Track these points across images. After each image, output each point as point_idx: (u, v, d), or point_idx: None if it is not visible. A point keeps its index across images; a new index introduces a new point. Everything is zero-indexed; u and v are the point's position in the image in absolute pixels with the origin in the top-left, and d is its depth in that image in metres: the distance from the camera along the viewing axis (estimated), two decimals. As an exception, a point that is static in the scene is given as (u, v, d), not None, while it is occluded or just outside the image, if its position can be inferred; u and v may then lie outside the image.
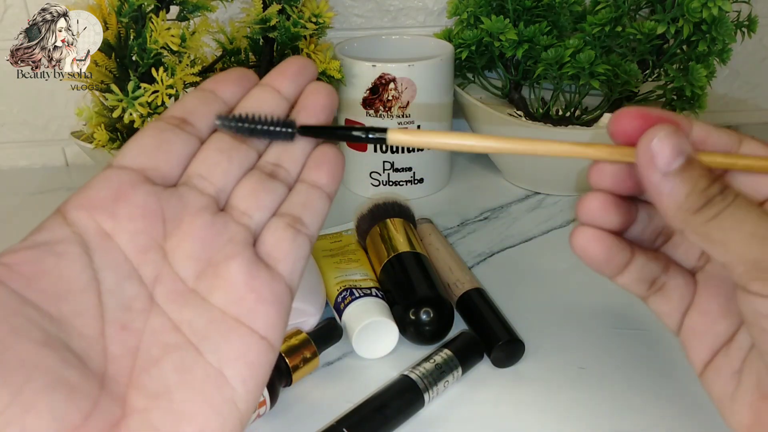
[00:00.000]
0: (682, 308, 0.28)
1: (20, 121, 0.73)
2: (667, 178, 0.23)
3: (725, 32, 0.57)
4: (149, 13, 0.52)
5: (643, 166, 0.23)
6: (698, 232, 0.23)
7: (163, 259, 0.24)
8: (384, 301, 0.47)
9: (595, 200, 0.26)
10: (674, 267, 0.28)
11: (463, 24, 0.65)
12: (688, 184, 0.23)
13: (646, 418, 0.41)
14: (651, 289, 0.28)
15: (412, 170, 0.65)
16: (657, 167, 0.23)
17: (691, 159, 0.23)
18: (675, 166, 0.23)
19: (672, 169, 0.23)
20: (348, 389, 0.43)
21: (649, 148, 0.23)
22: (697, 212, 0.23)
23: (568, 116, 0.64)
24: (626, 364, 0.45)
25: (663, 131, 0.23)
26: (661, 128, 0.23)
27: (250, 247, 0.25)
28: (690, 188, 0.23)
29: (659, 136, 0.23)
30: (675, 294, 0.27)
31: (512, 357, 0.45)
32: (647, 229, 0.28)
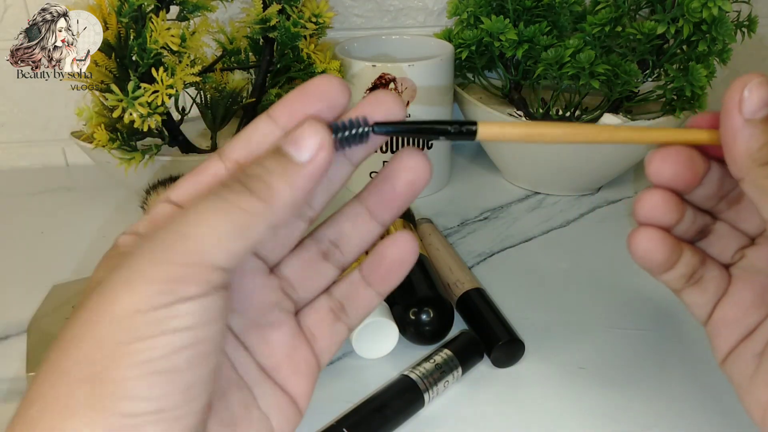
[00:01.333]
0: (715, 300, 0.28)
1: (20, 121, 0.73)
2: (747, 124, 0.24)
3: (725, 32, 0.57)
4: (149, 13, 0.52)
5: (729, 108, 0.24)
6: (757, 185, 0.24)
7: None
8: (384, 301, 0.47)
9: (656, 196, 0.27)
10: (710, 260, 0.28)
11: (463, 24, 0.65)
12: (766, 135, 0.24)
13: (646, 418, 0.41)
14: (689, 282, 0.28)
15: (412, 170, 0.65)
16: (742, 111, 0.24)
17: None
18: (760, 115, 0.24)
19: (756, 117, 0.24)
20: (348, 389, 0.43)
21: (740, 90, 0.24)
22: (764, 166, 0.24)
23: (568, 116, 0.64)
24: (626, 364, 0.45)
25: (757, 79, 0.24)
26: (755, 76, 0.24)
27: (293, 317, 0.26)
28: (765, 140, 0.24)
29: (753, 83, 0.24)
30: (711, 286, 0.28)
31: (512, 357, 0.45)
32: (691, 228, 0.28)
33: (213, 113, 0.62)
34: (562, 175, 0.65)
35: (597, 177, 0.65)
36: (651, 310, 0.50)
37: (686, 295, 0.28)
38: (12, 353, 0.46)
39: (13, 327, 0.49)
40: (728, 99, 0.24)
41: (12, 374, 0.45)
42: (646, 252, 0.27)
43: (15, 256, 0.59)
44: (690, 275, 0.28)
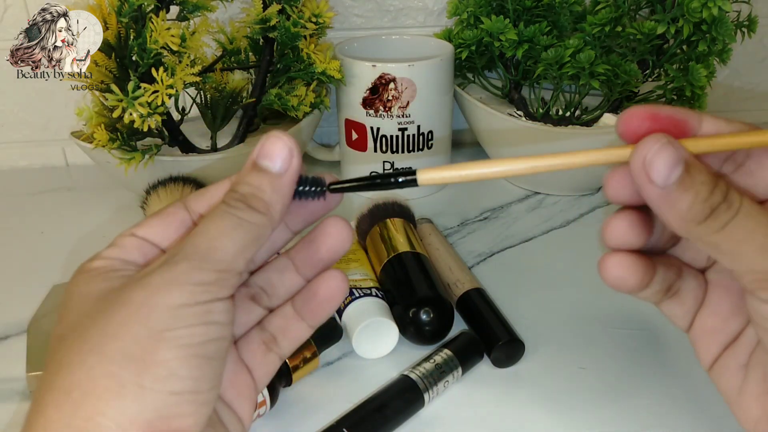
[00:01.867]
0: (694, 309, 0.28)
1: (20, 121, 0.73)
2: (667, 191, 0.23)
3: (725, 32, 0.57)
4: (149, 13, 0.52)
5: (641, 182, 0.23)
6: (706, 242, 0.23)
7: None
8: (384, 301, 0.47)
9: (622, 221, 0.26)
10: (686, 270, 0.28)
11: (463, 24, 0.65)
12: (689, 194, 0.22)
13: (646, 418, 0.41)
14: (666, 295, 0.28)
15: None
16: (655, 181, 0.23)
17: (689, 166, 0.23)
18: (673, 179, 0.22)
19: (670, 183, 0.22)
20: (348, 389, 0.43)
21: (644, 162, 0.23)
22: (703, 223, 0.23)
23: (568, 116, 0.64)
24: (626, 364, 0.45)
25: (655, 145, 0.22)
26: (655, 140, 0.23)
27: (234, 347, 0.28)
28: (692, 199, 0.22)
29: (651, 152, 0.22)
30: (688, 297, 0.27)
31: (512, 357, 0.45)
32: (662, 237, 0.28)
33: (213, 113, 0.62)
34: (562, 175, 0.65)
35: (597, 177, 0.65)
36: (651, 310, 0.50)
37: (664, 307, 0.28)
38: (12, 353, 0.46)
39: (13, 327, 0.49)
40: (636, 176, 0.23)
41: (12, 374, 0.45)
42: (618, 279, 0.26)
43: (15, 256, 0.59)
44: (666, 289, 0.27)
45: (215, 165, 0.58)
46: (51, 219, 0.65)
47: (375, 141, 0.64)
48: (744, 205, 0.23)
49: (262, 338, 0.28)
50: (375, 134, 0.64)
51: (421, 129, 0.63)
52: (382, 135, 0.63)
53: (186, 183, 0.56)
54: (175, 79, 0.51)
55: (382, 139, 0.64)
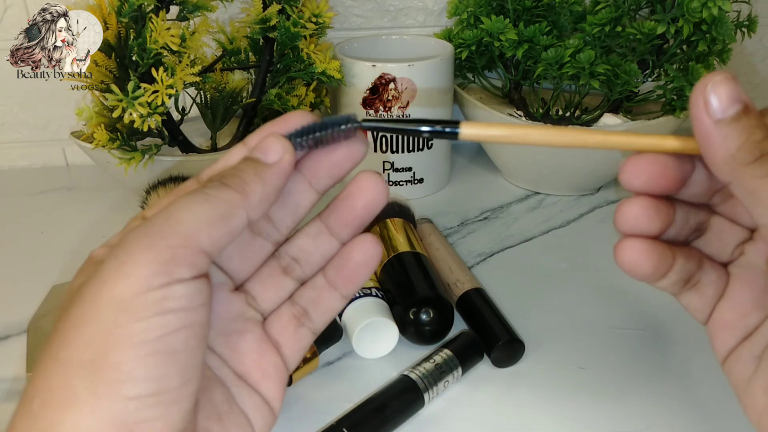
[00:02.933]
0: (713, 302, 0.27)
1: (20, 121, 0.73)
2: (719, 126, 0.22)
3: (725, 32, 0.57)
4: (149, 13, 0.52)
5: (696, 114, 0.22)
6: (746, 187, 0.22)
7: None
8: (384, 301, 0.47)
9: (635, 205, 0.25)
10: (707, 262, 0.27)
11: (463, 24, 0.65)
12: (742, 133, 0.22)
13: (646, 418, 0.41)
14: (686, 287, 0.27)
15: (412, 170, 0.65)
16: (710, 113, 0.22)
17: (748, 108, 0.22)
18: (730, 113, 0.22)
19: (726, 116, 0.22)
20: (348, 389, 0.43)
21: (703, 92, 0.22)
22: (749, 165, 0.22)
23: (568, 116, 0.64)
24: (626, 364, 0.45)
25: (719, 76, 0.22)
26: (718, 73, 0.22)
27: (260, 326, 0.26)
28: (744, 139, 0.22)
29: (714, 81, 0.22)
30: (708, 289, 0.27)
31: (512, 357, 0.45)
32: (684, 229, 0.27)
33: (213, 113, 0.62)
34: (562, 175, 0.65)
35: (597, 177, 0.65)
36: (651, 310, 0.50)
37: (683, 298, 0.28)
38: (12, 353, 0.46)
39: (13, 327, 0.49)
40: (693, 104, 0.23)
41: (12, 374, 0.45)
42: (632, 265, 0.26)
43: (15, 256, 0.59)
44: (686, 280, 0.27)
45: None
46: (51, 219, 0.65)
47: (375, 141, 0.64)
48: None
49: (293, 312, 0.27)
50: (375, 134, 0.64)
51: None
52: (382, 135, 0.63)
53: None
54: (175, 79, 0.51)
55: (382, 139, 0.64)
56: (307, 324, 0.27)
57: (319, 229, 0.27)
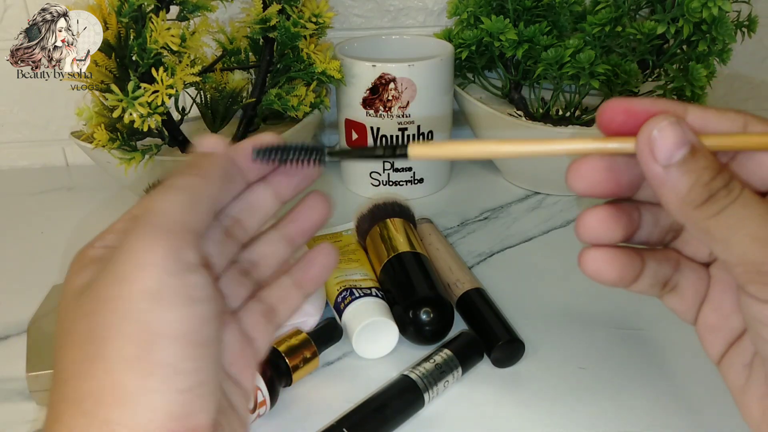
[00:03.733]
0: (697, 304, 0.27)
1: (20, 121, 0.73)
2: (668, 170, 0.22)
3: (725, 32, 0.57)
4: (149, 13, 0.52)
5: (644, 158, 0.23)
6: (700, 228, 0.22)
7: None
8: (384, 301, 0.47)
9: (592, 217, 0.26)
10: (685, 263, 0.27)
11: (463, 24, 0.65)
12: (691, 176, 0.22)
13: (646, 418, 0.41)
14: (664, 290, 0.27)
15: (412, 170, 0.65)
16: (658, 159, 0.22)
17: (695, 149, 0.22)
18: (677, 158, 0.22)
19: (674, 161, 0.22)
20: (348, 389, 0.43)
21: (649, 139, 0.22)
22: (700, 207, 0.22)
23: (568, 116, 0.64)
24: (626, 364, 0.45)
25: (664, 121, 0.22)
26: (663, 118, 0.22)
27: (236, 320, 0.28)
28: (693, 181, 0.22)
29: (659, 127, 0.22)
30: (688, 292, 0.27)
31: (512, 357, 0.45)
32: (655, 230, 0.27)
33: (213, 113, 0.62)
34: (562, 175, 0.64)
35: (597, 177, 0.65)
36: (651, 310, 0.50)
37: (666, 301, 0.28)
38: (12, 353, 0.46)
39: (13, 327, 0.49)
40: (641, 147, 0.23)
41: (12, 374, 0.45)
42: (596, 273, 0.26)
43: (15, 256, 0.59)
44: (662, 283, 0.27)
45: (215, 165, 0.58)
46: (51, 219, 0.65)
47: (375, 141, 0.64)
48: (744, 195, 0.22)
49: (260, 310, 0.28)
50: (375, 134, 0.64)
51: (421, 129, 0.63)
52: (382, 135, 0.63)
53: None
54: (175, 79, 0.51)
55: (382, 139, 0.64)
56: (275, 320, 0.29)
57: (278, 237, 0.30)
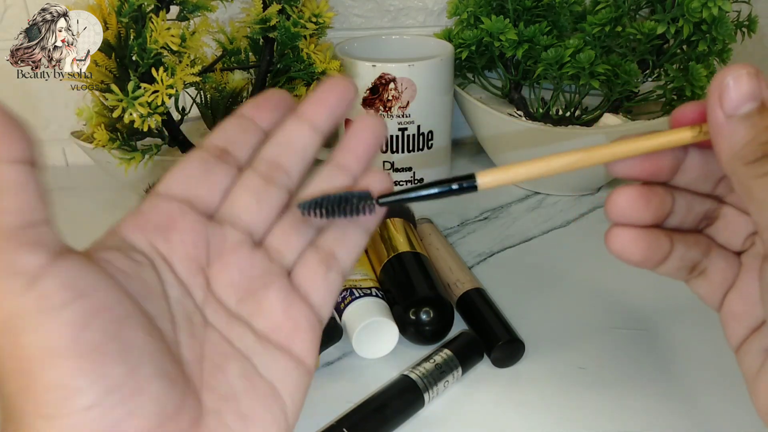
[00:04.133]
0: (723, 290, 0.27)
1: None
2: (730, 121, 0.22)
3: (725, 32, 0.57)
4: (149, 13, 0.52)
5: (711, 102, 0.22)
6: (743, 184, 0.22)
7: (207, 285, 0.25)
8: (384, 301, 0.47)
9: (622, 197, 0.25)
10: (716, 250, 0.27)
11: (463, 24, 0.65)
12: (750, 132, 0.22)
13: (646, 418, 0.41)
14: (692, 274, 0.27)
15: (412, 170, 0.65)
16: (724, 107, 0.22)
17: (765, 107, 0.22)
18: (743, 111, 0.22)
19: (738, 113, 0.22)
20: (348, 389, 0.43)
21: (721, 84, 0.22)
22: (750, 164, 0.22)
23: (568, 116, 0.64)
24: (626, 364, 0.45)
25: (743, 69, 0.22)
26: (742, 67, 0.22)
27: (286, 278, 0.26)
28: (750, 138, 0.22)
29: (736, 75, 0.22)
30: (716, 278, 0.27)
31: (512, 357, 0.45)
32: (688, 217, 0.27)
33: (213, 113, 0.62)
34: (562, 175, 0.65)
35: (597, 177, 0.65)
36: (650, 310, 0.50)
37: (693, 285, 0.27)
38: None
39: (13, 327, 0.49)
40: (710, 94, 0.22)
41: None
42: (620, 252, 0.26)
43: (15, 256, 0.59)
44: (690, 268, 0.27)
45: (215, 165, 0.58)
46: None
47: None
48: None
49: (317, 259, 0.26)
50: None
51: (421, 129, 0.63)
52: (382, 135, 0.63)
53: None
54: (175, 79, 0.51)
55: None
56: (335, 267, 0.26)
57: (331, 170, 0.27)
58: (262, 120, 0.28)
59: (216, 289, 0.25)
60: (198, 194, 0.26)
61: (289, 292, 0.25)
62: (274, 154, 0.27)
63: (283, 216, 0.27)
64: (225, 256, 0.25)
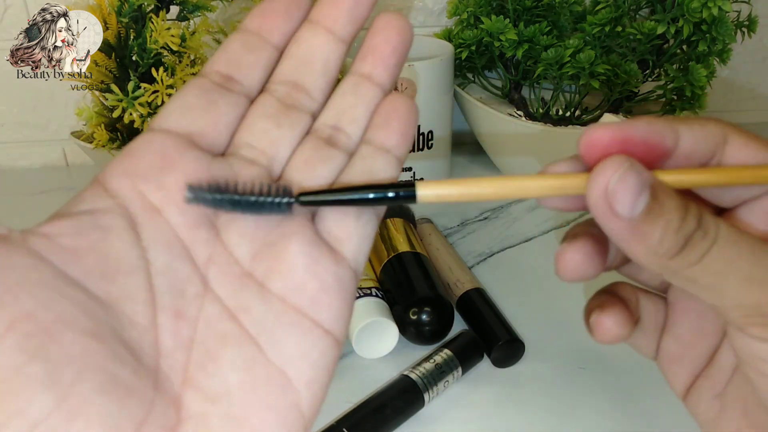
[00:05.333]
0: (657, 336, 0.25)
1: (20, 121, 0.73)
2: (633, 224, 0.19)
3: (725, 32, 0.57)
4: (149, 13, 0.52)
5: (602, 214, 0.19)
6: (682, 277, 0.20)
7: (215, 236, 0.21)
8: (384, 301, 0.47)
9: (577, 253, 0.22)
10: (641, 294, 0.25)
11: (463, 24, 0.65)
12: (659, 224, 0.19)
13: (645, 418, 0.41)
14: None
15: (412, 170, 0.65)
16: (621, 214, 0.19)
17: (655, 191, 0.19)
18: (640, 208, 0.18)
19: (636, 213, 0.18)
20: (348, 389, 0.42)
21: (605, 192, 0.19)
22: (677, 256, 0.19)
23: (568, 116, 0.64)
24: (626, 364, 0.45)
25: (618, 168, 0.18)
26: (614, 164, 0.19)
27: (310, 225, 0.21)
28: (663, 229, 0.19)
29: (613, 179, 0.18)
30: (649, 324, 0.25)
31: (512, 357, 0.45)
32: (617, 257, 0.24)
33: (213, 113, 0.62)
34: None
35: (597, 177, 0.65)
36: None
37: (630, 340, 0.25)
38: (12, 353, 0.46)
39: (13, 327, 0.49)
40: (595, 208, 0.19)
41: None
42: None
43: (15, 256, 0.59)
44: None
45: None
46: (51, 219, 0.65)
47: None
48: (722, 231, 0.19)
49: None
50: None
51: (421, 129, 0.63)
52: (382, 135, 0.63)
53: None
54: (175, 79, 0.51)
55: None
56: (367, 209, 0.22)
57: (355, 81, 0.23)
58: (271, 33, 0.23)
59: (228, 241, 0.21)
60: (200, 129, 0.21)
61: (314, 243, 0.20)
62: (292, 72, 0.23)
63: (306, 141, 0.22)
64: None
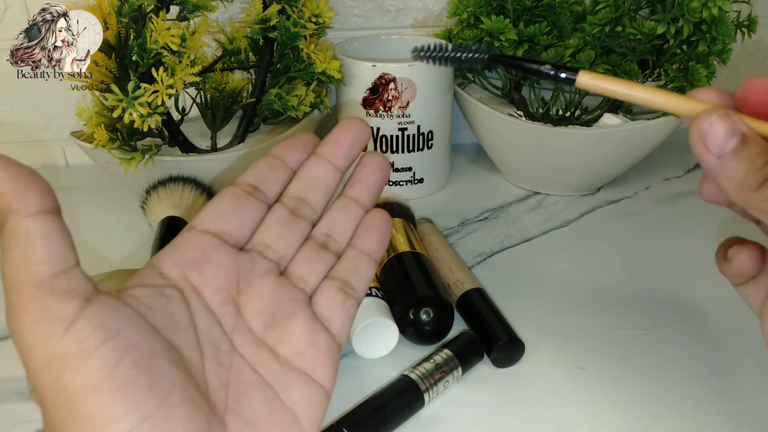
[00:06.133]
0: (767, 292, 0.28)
1: (20, 121, 0.73)
2: (723, 160, 0.24)
3: (725, 32, 0.57)
4: (149, 13, 0.52)
5: (698, 150, 0.24)
6: (759, 209, 0.24)
7: (237, 312, 0.27)
8: (384, 301, 0.47)
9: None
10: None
11: (463, 24, 0.65)
12: (744, 163, 0.24)
13: (646, 418, 0.41)
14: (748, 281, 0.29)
15: (412, 170, 0.65)
16: (711, 150, 0.24)
17: (746, 137, 0.24)
18: (729, 148, 0.24)
19: (726, 151, 0.24)
20: (348, 389, 0.43)
21: (700, 132, 0.24)
22: (757, 190, 0.24)
23: (568, 116, 0.64)
24: (626, 364, 0.45)
25: (714, 114, 0.24)
26: (713, 111, 0.24)
27: (309, 307, 0.28)
28: (747, 167, 0.24)
29: (710, 120, 0.24)
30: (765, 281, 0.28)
31: (512, 357, 0.45)
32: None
33: (213, 113, 0.62)
34: (562, 175, 0.65)
35: (597, 177, 0.65)
36: (651, 310, 0.50)
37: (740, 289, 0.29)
38: (12, 353, 0.46)
39: (13, 327, 0.49)
40: (693, 144, 0.25)
41: (12, 374, 0.45)
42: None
43: (15, 256, 0.59)
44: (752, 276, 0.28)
45: (215, 165, 0.58)
46: (51, 219, 0.65)
47: (375, 141, 0.64)
48: None
49: (335, 286, 0.29)
50: (375, 134, 0.64)
51: (421, 129, 0.63)
52: (382, 135, 0.63)
53: (186, 183, 0.56)
54: (175, 79, 0.51)
55: (382, 139, 0.64)
56: (352, 294, 0.29)
57: (345, 202, 0.31)
58: (290, 159, 0.31)
59: (246, 317, 0.27)
60: (230, 228, 0.28)
61: (312, 320, 0.28)
62: (301, 190, 0.30)
63: (306, 244, 0.30)
64: (254, 285, 0.28)
